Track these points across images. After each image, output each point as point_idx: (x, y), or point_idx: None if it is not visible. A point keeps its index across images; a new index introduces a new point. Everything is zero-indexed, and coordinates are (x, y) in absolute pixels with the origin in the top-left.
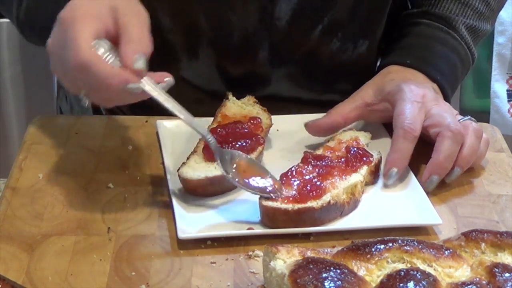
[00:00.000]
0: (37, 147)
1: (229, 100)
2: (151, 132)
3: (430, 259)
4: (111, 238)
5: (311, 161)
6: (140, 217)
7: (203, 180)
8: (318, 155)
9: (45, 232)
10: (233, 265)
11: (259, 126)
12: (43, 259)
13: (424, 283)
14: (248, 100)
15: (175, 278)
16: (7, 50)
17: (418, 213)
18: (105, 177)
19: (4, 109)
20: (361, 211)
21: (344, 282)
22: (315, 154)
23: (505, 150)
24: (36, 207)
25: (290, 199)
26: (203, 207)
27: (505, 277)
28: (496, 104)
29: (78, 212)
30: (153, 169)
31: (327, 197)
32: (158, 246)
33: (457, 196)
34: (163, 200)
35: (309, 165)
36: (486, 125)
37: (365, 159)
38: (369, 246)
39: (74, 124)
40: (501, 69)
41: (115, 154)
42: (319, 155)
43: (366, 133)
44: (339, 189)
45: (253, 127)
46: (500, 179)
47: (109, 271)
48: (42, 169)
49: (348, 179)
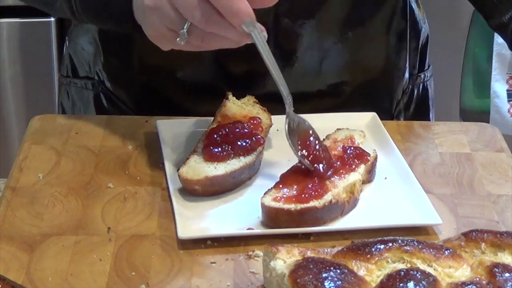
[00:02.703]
0: (37, 147)
1: (229, 100)
2: (151, 132)
3: (430, 259)
4: (111, 238)
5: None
6: (140, 217)
7: (202, 180)
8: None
9: (45, 232)
10: (233, 265)
11: (259, 126)
12: (43, 259)
13: (424, 283)
14: (248, 100)
15: (175, 278)
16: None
17: (418, 213)
18: (105, 177)
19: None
20: (361, 211)
21: (344, 282)
22: None
23: (505, 150)
24: (36, 207)
25: (292, 199)
26: (203, 207)
27: (505, 277)
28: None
29: (78, 212)
30: (153, 169)
31: (328, 196)
32: (158, 246)
33: (457, 196)
34: (163, 200)
35: None
36: (486, 125)
37: (361, 157)
38: (369, 246)
39: (74, 124)
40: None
41: (115, 154)
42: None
43: (360, 132)
44: (339, 188)
45: (253, 127)
46: (500, 179)
47: (109, 271)
48: (42, 169)
49: (347, 178)
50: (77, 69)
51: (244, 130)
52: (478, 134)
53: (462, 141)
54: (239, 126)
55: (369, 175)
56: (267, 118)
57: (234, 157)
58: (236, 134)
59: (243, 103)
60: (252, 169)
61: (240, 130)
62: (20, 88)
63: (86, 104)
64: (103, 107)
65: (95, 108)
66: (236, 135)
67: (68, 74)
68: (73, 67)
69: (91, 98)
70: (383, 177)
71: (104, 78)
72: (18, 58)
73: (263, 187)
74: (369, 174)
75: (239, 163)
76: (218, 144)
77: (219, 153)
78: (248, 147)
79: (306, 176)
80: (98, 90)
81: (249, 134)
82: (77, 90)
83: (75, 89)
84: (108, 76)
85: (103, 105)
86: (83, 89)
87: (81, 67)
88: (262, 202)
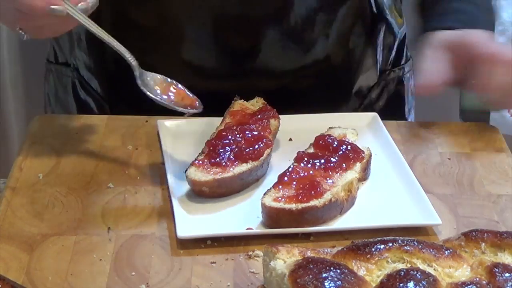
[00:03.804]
0: (37, 147)
1: (237, 101)
2: (151, 132)
3: (430, 259)
4: (111, 238)
5: (305, 161)
6: (140, 217)
7: (210, 182)
8: (311, 154)
9: (45, 232)
10: (233, 265)
11: (267, 128)
12: (43, 259)
13: (424, 283)
14: (257, 101)
15: (175, 278)
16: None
17: (418, 213)
18: (105, 177)
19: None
20: (361, 211)
21: (344, 282)
22: (308, 153)
23: (505, 150)
24: (36, 207)
25: (292, 199)
26: (203, 207)
27: (505, 277)
28: None
29: (78, 212)
30: (153, 169)
31: (328, 195)
32: (158, 246)
33: (457, 196)
34: (163, 200)
35: (304, 164)
36: (486, 125)
37: (357, 155)
38: (369, 246)
39: (74, 124)
40: None
41: (115, 154)
42: (312, 154)
43: (353, 130)
44: (338, 187)
45: (261, 129)
46: (500, 179)
47: (109, 271)
48: (42, 169)
49: (344, 176)
50: (58, 55)
51: (253, 133)
52: (478, 134)
53: (462, 141)
54: (248, 128)
55: (364, 173)
56: (276, 120)
57: (241, 163)
58: (244, 137)
59: (251, 104)
60: (261, 170)
61: (249, 132)
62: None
63: (66, 91)
64: (79, 95)
65: (73, 96)
66: (245, 137)
67: (50, 59)
68: (55, 53)
69: (69, 85)
70: (383, 177)
71: (78, 65)
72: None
73: (264, 187)
74: (364, 172)
75: (247, 166)
76: (223, 151)
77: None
78: (256, 152)
79: (304, 176)
80: (74, 77)
81: (258, 137)
82: (58, 76)
83: (57, 75)
84: (81, 64)
85: (78, 93)
86: (63, 76)
87: (60, 53)
88: (263, 202)
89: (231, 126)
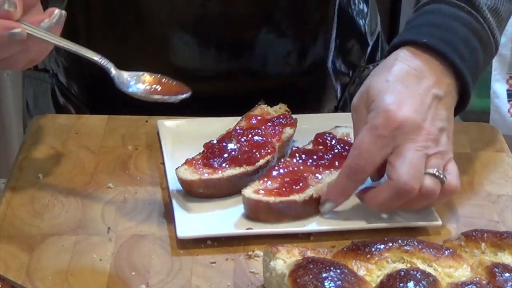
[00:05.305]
0: (37, 147)
1: (260, 106)
2: (151, 132)
3: (430, 259)
4: (111, 238)
5: (298, 156)
6: (140, 217)
7: (196, 182)
8: (306, 150)
9: (45, 232)
10: (233, 265)
11: (277, 135)
12: (43, 259)
13: (424, 283)
14: (280, 108)
15: (175, 278)
16: None
17: (418, 213)
18: (105, 177)
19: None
20: (360, 210)
21: (344, 282)
22: (303, 149)
23: (505, 150)
24: (36, 207)
25: (273, 192)
26: (203, 207)
27: (505, 277)
28: (496, 104)
29: (78, 212)
30: (153, 169)
31: (310, 190)
32: (158, 246)
33: (457, 196)
34: (163, 200)
35: (296, 159)
36: (486, 125)
37: None
38: (369, 246)
39: (74, 124)
40: (501, 69)
41: (115, 154)
42: (307, 150)
43: None
44: (323, 184)
45: (269, 135)
46: (500, 179)
47: (109, 271)
48: (42, 169)
49: (334, 174)
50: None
51: (258, 138)
52: (478, 134)
53: (462, 141)
54: (255, 134)
55: None
56: (291, 128)
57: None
58: (250, 143)
59: (274, 110)
60: (257, 176)
61: (254, 137)
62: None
63: (45, 97)
64: (58, 101)
65: (52, 102)
66: (250, 143)
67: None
68: None
69: (48, 91)
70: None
71: (57, 71)
72: None
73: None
74: None
75: (239, 170)
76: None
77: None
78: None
79: (291, 171)
80: (53, 83)
81: (261, 144)
82: (37, 83)
83: (35, 81)
84: (60, 70)
85: (58, 99)
86: (42, 82)
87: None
88: (243, 193)
89: (239, 129)
